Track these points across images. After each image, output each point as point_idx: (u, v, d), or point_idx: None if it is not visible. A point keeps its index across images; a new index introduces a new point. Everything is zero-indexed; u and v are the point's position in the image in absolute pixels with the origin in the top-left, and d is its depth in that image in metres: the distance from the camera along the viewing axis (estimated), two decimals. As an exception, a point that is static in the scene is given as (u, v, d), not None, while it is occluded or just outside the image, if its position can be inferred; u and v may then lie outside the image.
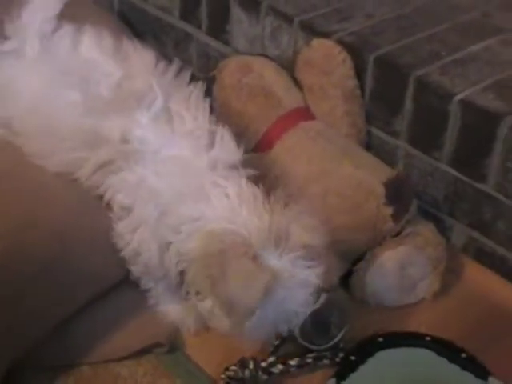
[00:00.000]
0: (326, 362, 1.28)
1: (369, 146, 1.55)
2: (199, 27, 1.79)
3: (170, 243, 1.18)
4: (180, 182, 1.19)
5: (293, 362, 1.26)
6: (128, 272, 1.29)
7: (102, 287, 1.30)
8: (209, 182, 1.18)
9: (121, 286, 1.32)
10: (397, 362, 1.27)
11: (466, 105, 1.39)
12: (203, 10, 1.76)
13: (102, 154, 1.25)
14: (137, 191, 1.21)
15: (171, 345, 1.30)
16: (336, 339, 1.28)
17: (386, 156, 1.52)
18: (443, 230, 1.48)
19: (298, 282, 1.12)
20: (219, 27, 1.74)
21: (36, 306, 1.20)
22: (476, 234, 1.47)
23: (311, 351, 1.27)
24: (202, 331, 1.31)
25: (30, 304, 1.19)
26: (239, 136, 1.28)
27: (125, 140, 1.23)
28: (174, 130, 1.24)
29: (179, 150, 1.22)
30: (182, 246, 1.16)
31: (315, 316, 1.19)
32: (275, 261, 1.11)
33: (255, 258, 1.10)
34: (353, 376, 1.24)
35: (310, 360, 1.27)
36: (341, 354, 1.27)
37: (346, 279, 1.39)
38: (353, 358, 1.27)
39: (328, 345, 1.28)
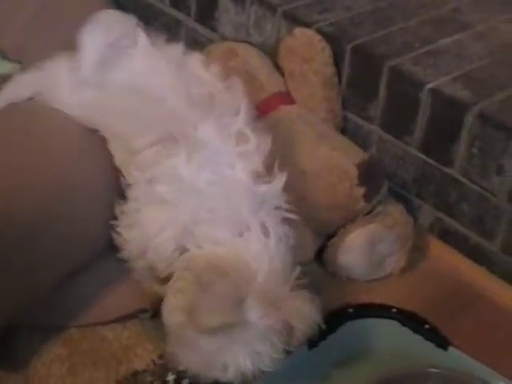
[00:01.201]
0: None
1: (344, 130, 1.54)
2: (188, 14, 1.78)
3: (188, 250, 1.15)
4: (224, 202, 1.15)
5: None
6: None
7: (89, 252, 1.29)
8: (252, 218, 1.14)
9: (109, 254, 1.29)
10: (365, 332, 1.28)
11: (435, 93, 1.39)
12: (192, -2, 1.75)
13: (166, 126, 1.21)
14: (181, 187, 1.17)
15: (155, 311, 1.27)
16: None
17: (360, 140, 1.51)
18: (411, 210, 1.47)
19: (256, 347, 1.09)
20: (207, 14, 1.73)
21: (24, 268, 1.18)
22: (441, 215, 1.47)
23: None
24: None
25: (18, 266, 1.18)
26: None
27: (194, 126, 1.19)
28: (237, 143, 1.19)
29: (233, 168, 1.17)
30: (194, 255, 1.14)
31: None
32: (252, 318, 1.07)
33: (240, 300, 1.07)
34: (323, 344, 1.24)
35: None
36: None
37: (319, 254, 1.39)
38: (324, 326, 1.28)
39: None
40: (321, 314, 1.14)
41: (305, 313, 1.11)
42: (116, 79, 1.31)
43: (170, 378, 1.18)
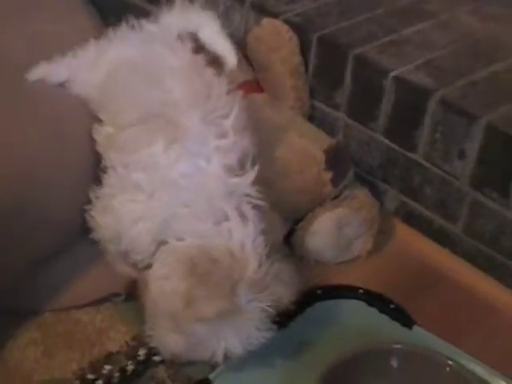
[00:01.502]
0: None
1: (312, 117, 1.55)
2: (158, 5, 1.77)
3: (166, 242, 1.16)
4: (197, 191, 1.16)
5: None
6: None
7: (63, 237, 1.29)
8: (228, 206, 1.15)
9: (81, 239, 1.30)
10: (333, 312, 1.29)
11: (399, 81, 1.40)
12: (162, -10, 1.75)
13: (155, 106, 1.22)
14: (158, 176, 1.17)
15: (127, 295, 1.30)
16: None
17: (327, 127, 1.52)
18: (377, 194, 1.48)
19: (246, 330, 1.11)
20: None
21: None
22: (406, 199, 1.48)
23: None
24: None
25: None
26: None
27: (182, 112, 1.20)
28: (217, 137, 1.20)
29: (209, 163, 1.18)
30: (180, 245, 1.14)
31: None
32: (243, 302, 1.09)
33: (234, 286, 1.08)
34: (292, 324, 1.26)
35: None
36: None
37: (288, 238, 1.40)
38: (293, 307, 1.29)
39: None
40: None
41: (290, 285, 1.14)
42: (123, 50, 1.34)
43: (141, 352, 1.20)
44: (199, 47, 1.36)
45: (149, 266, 1.17)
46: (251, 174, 1.19)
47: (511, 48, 1.49)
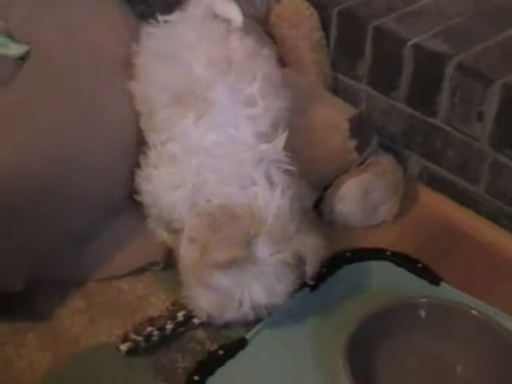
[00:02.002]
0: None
1: (335, 90, 1.57)
2: None
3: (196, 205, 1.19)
4: (227, 157, 1.19)
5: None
6: (128, 198, 1.31)
7: (103, 206, 1.31)
8: (256, 171, 1.18)
9: (122, 212, 1.34)
10: (362, 274, 1.32)
11: (417, 49, 1.41)
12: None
13: (180, 85, 1.23)
14: (190, 146, 1.20)
15: (166, 263, 1.33)
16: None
17: (350, 98, 1.54)
18: (401, 161, 1.50)
19: (268, 280, 1.14)
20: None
21: (39, 221, 1.21)
22: (429, 164, 1.49)
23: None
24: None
25: (33, 220, 1.21)
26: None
27: (207, 87, 1.22)
28: (246, 106, 1.22)
29: (238, 130, 1.20)
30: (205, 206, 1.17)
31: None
32: (265, 255, 1.12)
33: (249, 238, 1.11)
34: (322, 286, 1.29)
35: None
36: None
37: (317, 205, 1.42)
38: (324, 270, 1.30)
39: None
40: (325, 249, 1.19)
41: (313, 246, 1.17)
42: (148, 42, 1.35)
43: (180, 314, 1.22)
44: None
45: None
46: (281, 140, 1.21)
47: (526, 13, 1.50)
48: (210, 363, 1.17)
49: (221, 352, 1.18)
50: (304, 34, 1.53)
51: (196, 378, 1.15)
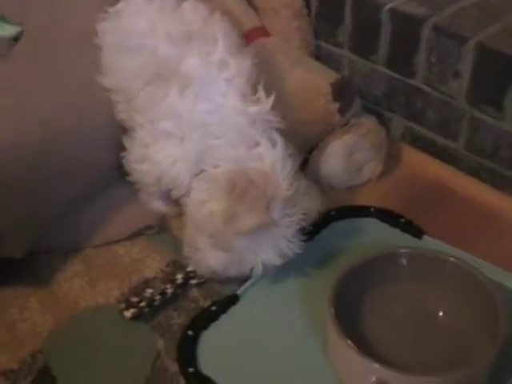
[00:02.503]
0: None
1: (318, 57, 1.58)
2: None
3: (203, 170, 1.21)
4: (224, 124, 1.20)
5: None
6: (120, 168, 1.33)
7: (97, 175, 1.34)
8: (257, 133, 1.20)
9: (116, 180, 1.37)
10: (348, 231, 1.33)
11: (394, 13, 1.42)
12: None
13: (152, 68, 1.25)
14: (185, 120, 1.21)
15: (159, 227, 1.35)
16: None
17: (333, 64, 1.55)
18: (383, 122, 1.51)
19: (280, 242, 1.17)
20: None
21: (38, 190, 1.24)
22: (411, 124, 1.51)
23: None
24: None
25: (32, 189, 1.23)
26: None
27: (178, 64, 1.23)
28: (220, 69, 1.23)
29: (224, 97, 1.21)
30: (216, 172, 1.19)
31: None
32: (277, 217, 1.15)
33: (269, 202, 1.14)
34: (310, 243, 1.27)
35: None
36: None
37: (303, 166, 1.42)
38: (311, 228, 1.31)
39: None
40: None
41: (316, 203, 1.21)
42: (106, 38, 1.36)
43: (179, 276, 1.25)
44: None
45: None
46: (269, 101, 1.23)
47: (498, -26, 1.51)
48: (204, 319, 1.19)
49: (213, 308, 1.21)
50: (286, 3, 1.54)
51: (190, 332, 1.17)
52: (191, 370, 1.12)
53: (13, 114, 1.24)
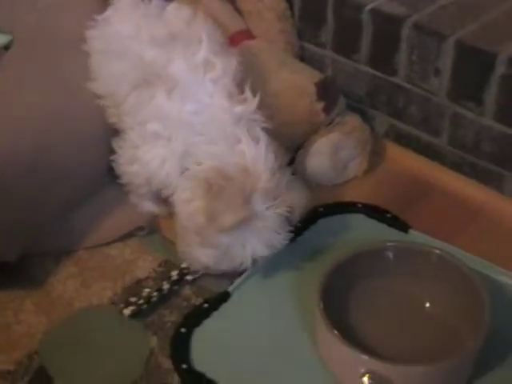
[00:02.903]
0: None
1: (302, 58, 1.58)
2: None
3: (187, 169, 1.22)
4: (209, 123, 1.21)
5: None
6: (111, 170, 1.33)
7: (87, 181, 1.34)
8: (240, 130, 1.20)
9: (106, 183, 1.37)
10: (336, 227, 1.34)
11: (375, 13, 1.43)
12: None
13: (138, 73, 1.25)
14: (171, 121, 1.21)
15: (150, 229, 1.36)
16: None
17: (317, 64, 1.55)
18: (367, 120, 1.52)
19: (267, 234, 1.17)
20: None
21: (30, 195, 1.24)
22: (394, 121, 1.51)
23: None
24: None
25: (24, 194, 1.23)
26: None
27: (164, 67, 1.23)
28: (205, 69, 1.23)
29: (211, 97, 1.22)
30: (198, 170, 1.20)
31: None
32: (261, 209, 1.15)
33: (248, 197, 1.14)
34: (299, 239, 1.30)
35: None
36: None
37: (290, 165, 1.42)
38: (299, 224, 1.31)
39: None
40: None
41: (301, 196, 1.21)
42: (94, 45, 1.36)
43: (174, 273, 1.26)
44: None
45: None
46: (255, 100, 1.24)
47: (475, -27, 1.52)
48: (196, 316, 1.20)
49: (205, 305, 1.21)
50: (269, 6, 1.55)
51: (183, 330, 1.18)
52: (185, 366, 1.12)
53: (4, 122, 1.24)
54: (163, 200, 1.31)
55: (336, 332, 1.06)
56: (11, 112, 1.26)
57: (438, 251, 1.17)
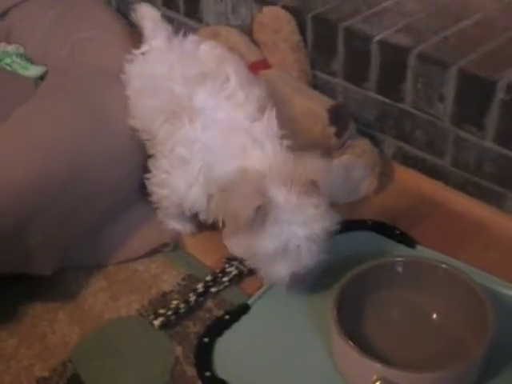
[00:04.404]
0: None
1: (315, 86, 1.58)
2: (178, 11, 1.82)
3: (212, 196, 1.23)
4: (227, 142, 1.21)
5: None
6: (139, 190, 1.35)
7: (117, 199, 1.35)
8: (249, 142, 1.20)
9: (134, 202, 1.38)
10: (348, 242, 1.33)
11: (382, 44, 1.44)
12: (180, -3, 1.79)
13: (169, 107, 1.26)
14: (194, 146, 1.22)
15: (175, 245, 1.36)
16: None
17: (328, 92, 1.56)
18: (376, 143, 1.52)
19: (301, 217, 1.15)
20: (193, 9, 1.78)
21: (64, 213, 1.25)
22: (401, 144, 1.51)
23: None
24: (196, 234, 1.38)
25: (59, 212, 1.24)
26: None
27: (190, 99, 1.25)
28: (228, 99, 1.25)
29: (229, 115, 1.23)
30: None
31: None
32: (282, 195, 1.14)
33: (263, 189, 1.13)
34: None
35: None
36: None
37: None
38: None
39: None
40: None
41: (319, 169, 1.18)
42: (133, 83, 1.38)
43: (199, 286, 1.26)
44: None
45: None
46: (272, 120, 1.24)
47: (475, 7, 1.52)
48: (217, 327, 1.20)
49: (226, 317, 1.22)
50: (284, 38, 1.55)
51: (206, 340, 1.18)
52: (208, 374, 1.13)
53: (40, 145, 1.25)
54: (188, 219, 1.33)
55: (350, 342, 1.06)
56: (46, 134, 1.27)
57: (444, 265, 1.17)
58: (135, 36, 1.57)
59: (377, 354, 1.09)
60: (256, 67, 1.53)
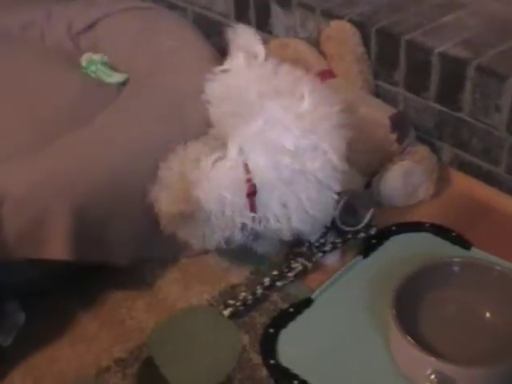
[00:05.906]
0: (362, 235, 1.34)
1: (377, 95, 1.57)
2: (249, 23, 1.81)
3: None
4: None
5: (338, 240, 1.33)
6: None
7: None
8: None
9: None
10: (406, 243, 1.33)
11: (443, 56, 1.42)
12: (252, 11, 1.79)
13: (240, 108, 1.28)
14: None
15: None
16: (366, 219, 1.35)
17: (390, 101, 1.54)
18: (435, 150, 1.50)
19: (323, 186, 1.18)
20: (264, 22, 1.77)
21: (143, 210, 1.25)
22: (458, 151, 1.49)
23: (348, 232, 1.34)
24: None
25: (139, 208, 1.26)
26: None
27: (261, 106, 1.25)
28: (297, 119, 1.23)
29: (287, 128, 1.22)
30: None
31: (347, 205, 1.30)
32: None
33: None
34: (374, 254, 1.31)
35: (349, 236, 1.34)
36: (374, 229, 1.35)
37: (367, 188, 1.44)
38: (374, 241, 1.33)
39: (362, 224, 1.35)
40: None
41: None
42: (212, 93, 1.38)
43: (266, 280, 1.27)
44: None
45: None
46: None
47: (532, 23, 1.49)
48: (282, 318, 1.21)
49: (291, 309, 1.22)
50: (349, 50, 1.54)
51: (271, 330, 1.18)
52: (272, 361, 1.13)
53: (122, 146, 1.27)
54: None
55: (407, 336, 1.05)
56: (128, 137, 1.29)
57: (498, 267, 1.15)
58: (211, 49, 1.61)
59: (432, 349, 1.08)
60: (323, 76, 1.52)
